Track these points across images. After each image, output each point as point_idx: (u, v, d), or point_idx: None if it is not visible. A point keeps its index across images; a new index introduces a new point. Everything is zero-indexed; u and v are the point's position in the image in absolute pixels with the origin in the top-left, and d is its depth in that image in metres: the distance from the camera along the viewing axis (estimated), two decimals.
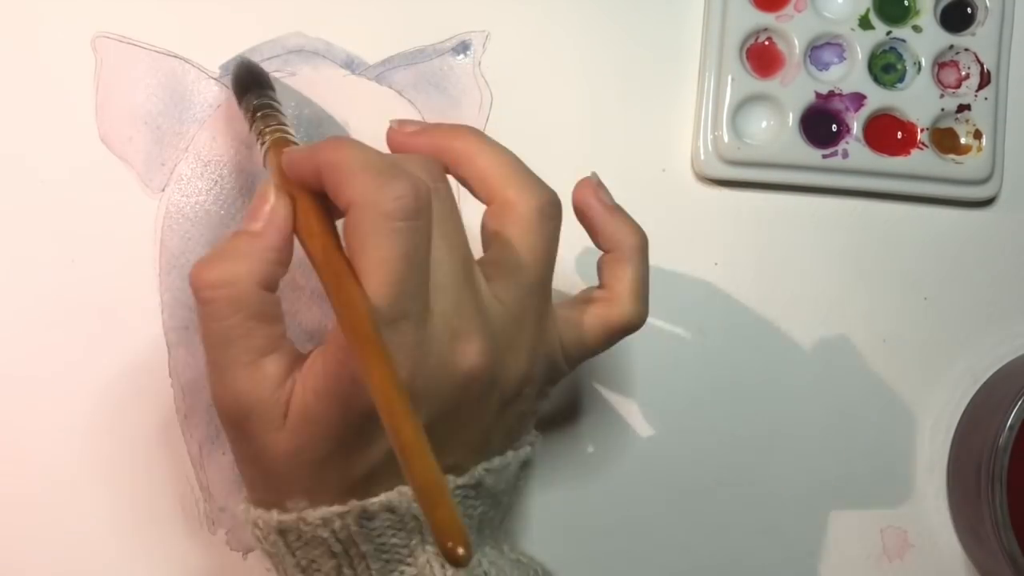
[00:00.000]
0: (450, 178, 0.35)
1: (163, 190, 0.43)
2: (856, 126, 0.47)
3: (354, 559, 0.33)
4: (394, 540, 0.33)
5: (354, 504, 0.33)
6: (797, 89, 0.46)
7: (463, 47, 0.46)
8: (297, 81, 0.44)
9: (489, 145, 0.36)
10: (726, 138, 0.46)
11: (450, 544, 0.26)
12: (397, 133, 0.36)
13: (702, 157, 0.46)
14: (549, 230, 0.35)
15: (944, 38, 0.47)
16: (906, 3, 0.48)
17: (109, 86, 0.43)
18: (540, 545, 0.45)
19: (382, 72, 0.45)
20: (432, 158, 0.34)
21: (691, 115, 0.47)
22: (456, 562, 0.26)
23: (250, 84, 0.40)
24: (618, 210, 0.38)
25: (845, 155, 0.46)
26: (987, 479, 0.45)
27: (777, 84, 0.46)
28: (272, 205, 0.33)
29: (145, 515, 0.43)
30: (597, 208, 0.38)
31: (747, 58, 0.47)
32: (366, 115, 0.44)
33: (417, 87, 0.45)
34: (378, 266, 0.30)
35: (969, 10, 0.48)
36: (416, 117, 0.45)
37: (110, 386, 0.43)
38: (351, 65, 0.45)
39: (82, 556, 0.42)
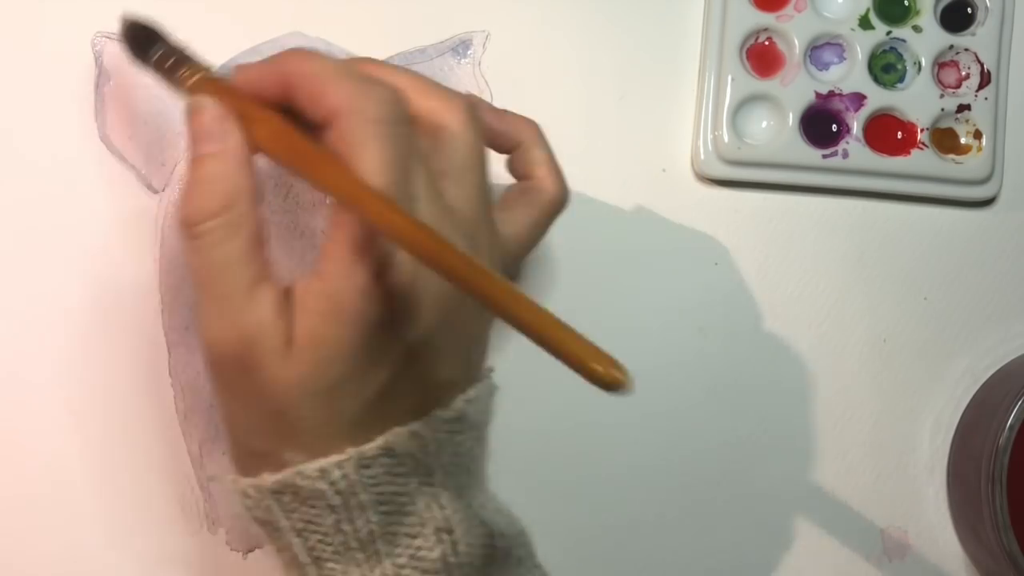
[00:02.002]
0: None
1: (163, 190, 0.43)
2: (856, 126, 0.47)
3: (353, 511, 0.32)
4: (392, 488, 0.32)
5: (351, 451, 0.32)
6: (797, 89, 0.46)
7: (463, 47, 0.46)
8: None
9: (396, 68, 0.35)
10: (726, 138, 0.46)
11: (601, 368, 0.26)
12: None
13: (702, 157, 0.46)
14: (478, 132, 0.35)
15: (944, 38, 0.47)
16: (906, 3, 0.48)
17: (109, 86, 0.43)
18: (540, 545, 0.45)
19: None
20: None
21: (691, 115, 0.47)
22: (617, 385, 0.26)
23: (146, 40, 0.37)
24: (504, 111, 0.39)
25: (845, 155, 0.46)
26: (987, 479, 0.45)
27: (777, 84, 0.46)
28: (216, 116, 0.32)
29: (145, 515, 0.43)
30: (490, 118, 0.38)
31: (747, 58, 0.47)
32: None
33: None
34: (380, 168, 0.30)
35: (969, 10, 0.48)
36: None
37: (110, 386, 0.43)
38: None
39: (82, 556, 0.42)
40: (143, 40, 0.37)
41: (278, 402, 0.32)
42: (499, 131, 0.38)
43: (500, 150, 0.39)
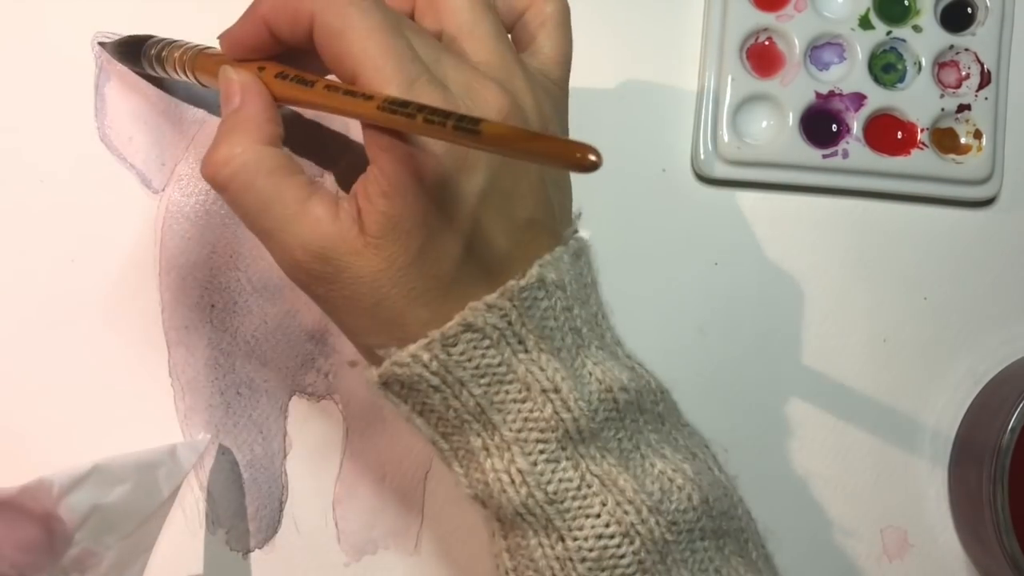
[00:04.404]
0: None
1: (163, 190, 0.43)
2: (856, 126, 0.47)
3: (455, 387, 0.34)
4: (485, 360, 0.34)
5: (435, 333, 0.33)
6: (797, 89, 0.46)
7: None
8: None
9: None
10: (726, 138, 0.46)
11: (578, 155, 0.27)
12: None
13: (702, 157, 0.46)
14: None
15: (944, 38, 0.47)
16: (906, 3, 0.48)
17: (109, 86, 0.43)
18: None
19: None
20: None
21: (691, 115, 0.47)
22: (588, 166, 0.27)
23: (134, 44, 0.41)
24: None
25: (845, 155, 0.46)
26: (989, 481, 0.45)
27: (777, 84, 0.46)
28: (237, 78, 0.35)
29: None
30: None
31: (747, 58, 0.47)
32: None
33: None
34: (363, 44, 0.32)
35: (969, 10, 0.48)
36: None
37: (110, 385, 0.43)
38: None
39: None
40: (133, 47, 0.41)
41: (372, 296, 0.33)
42: None
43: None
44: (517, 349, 0.34)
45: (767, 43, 0.47)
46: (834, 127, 0.47)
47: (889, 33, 0.47)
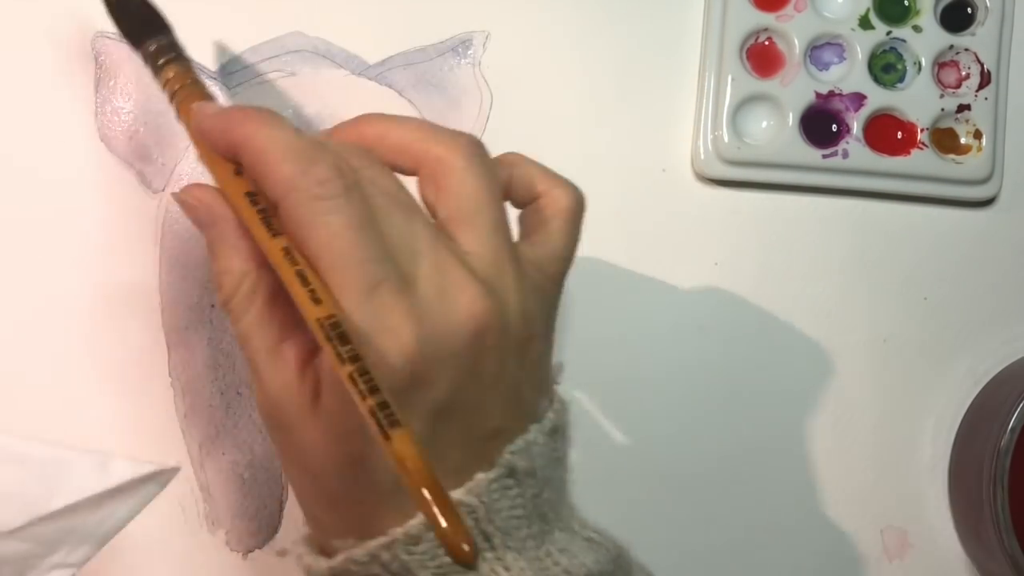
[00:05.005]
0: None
1: (163, 190, 0.43)
2: (856, 126, 0.47)
3: None
4: (448, 558, 0.31)
5: (395, 531, 0.31)
6: (797, 89, 0.46)
7: (463, 47, 0.46)
8: (297, 81, 0.44)
9: (390, 118, 0.35)
10: (726, 138, 0.46)
11: (455, 541, 0.26)
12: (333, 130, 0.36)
13: (702, 157, 0.46)
14: (484, 168, 0.34)
15: (944, 38, 0.47)
16: (906, 3, 0.48)
17: (109, 86, 0.43)
18: None
19: (382, 72, 0.45)
20: (353, 144, 0.34)
21: (691, 115, 0.47)
22: (460, 556, 0.26)
23: (144, 27, 0.37)
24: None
25: (845, 155, 0.46)
26: (988, 481, 0.45)
27: (777, 84, 0.46)
28: (205, 203, 0.33)
29: (145, 515, 0.43)
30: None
31: (747, 58, 0.47)
32: None
33: (417, 87, 0.45)
34: (327, 245, 0.30)
35: (969, 10, 0.48)
36: (416, 117, 0.45)
37: (110, 386, 0.43)
38: (351, 65, 0.45)
39: None
40: (145, 21, 0.37)
41: (313, 466, 0.32)
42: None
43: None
44: (482, 547, 0.32)
45: (767, 43, 0.47)
46: (834, 127, 0.47)
47: (889, 33, 0.47)
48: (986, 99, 0.47)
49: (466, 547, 0.26)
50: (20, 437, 0.34)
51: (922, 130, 0.47)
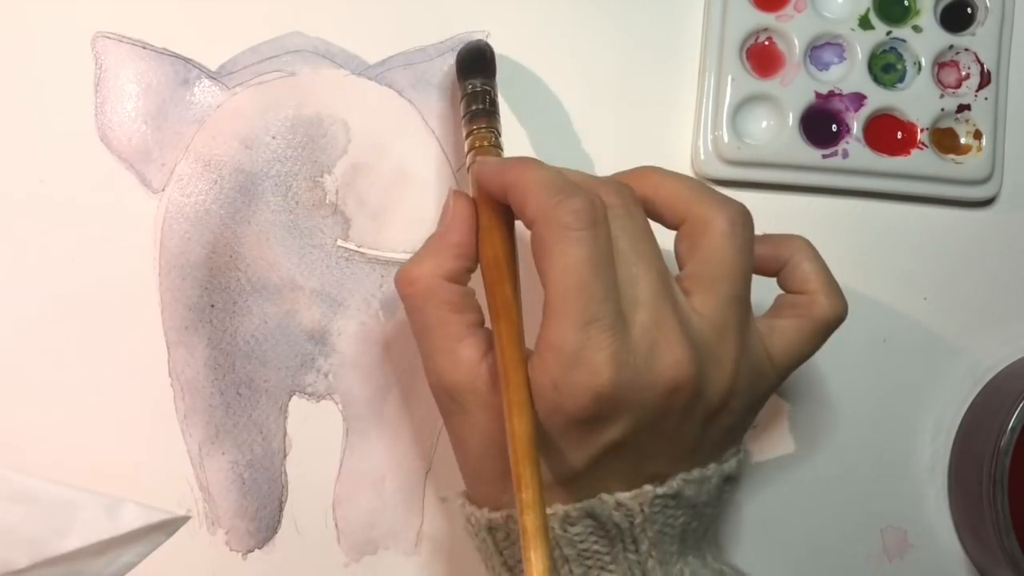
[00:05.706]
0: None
1: (163, 190, 0.43)
2: (856, 126, 0.47)
3: (557, 561, 0.34)
4: (596, 547, 0.34)
5: (558, 508, 0.34)
6: (797, 89, 0.46)
7: None
8: (297, 81, 0.44)
9: (670, 173, 0.38)
10: (726, 138, 0.46)
11: None
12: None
13: (702, 157, 0.46)
14: (743, 240, 0.36)
15: (944, 38, 0.47)
16: (906, 3, 0.48)
17: (109, 86, 0.43)
18: None
19: (382, 72, 0.45)
20: (621, 183, 0.36)
21: (691, 115, 0.47)
22: None
23: (471, 67, 0.42)
24: (768, 234, 0.39)
25: (845, 155, 0.46)
26: (988, 481, 0.45)
27: (777, 84, 0.46)
28: (452, 209, 0.37)
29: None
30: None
31: (747, 58, 0.47)
32: (366, 115, 0.44)
33: (417, 87, 0.45)
34: (562, 272, 0.32)
35: (969, 10, 0.48)
36: (415, 117, 0.45)
37: (110, 386, 0.43)
38: (351, 65, 0.45)
39: None
40: (476, 62, 0.41)
41: (479, 446, 0.35)
42: (762, 255, 0.39)
43: (767, 272, 0.39)
44: (629, 548, 0.34)
45: (767, 43, 0.47)
46: (834, 127, 0.47)
47: (889, 33, 0.47)
48: (986, 99, 0.47)
49: None
50: (30, 475, 0.35)
51: (922, 130, 0.47)
